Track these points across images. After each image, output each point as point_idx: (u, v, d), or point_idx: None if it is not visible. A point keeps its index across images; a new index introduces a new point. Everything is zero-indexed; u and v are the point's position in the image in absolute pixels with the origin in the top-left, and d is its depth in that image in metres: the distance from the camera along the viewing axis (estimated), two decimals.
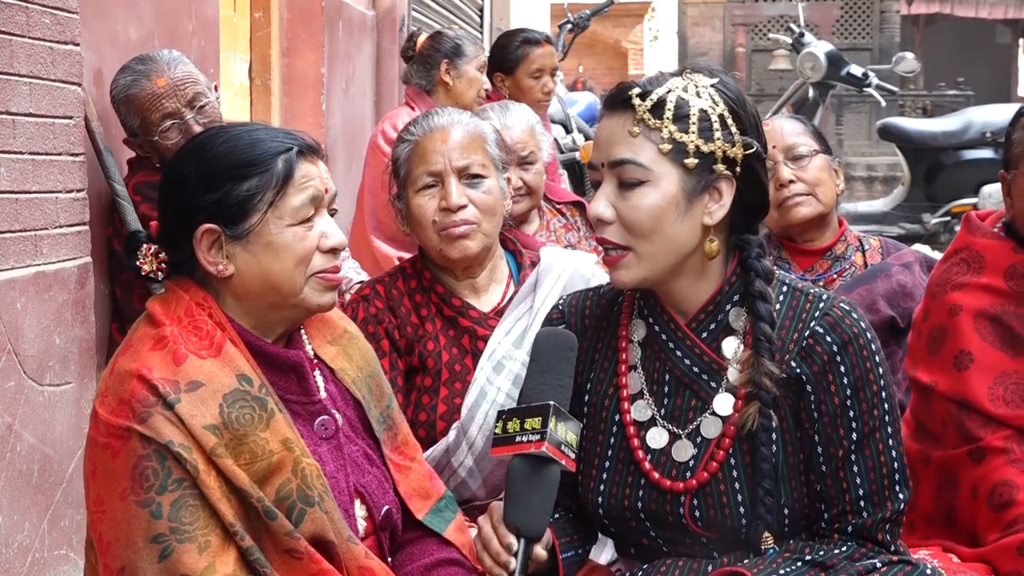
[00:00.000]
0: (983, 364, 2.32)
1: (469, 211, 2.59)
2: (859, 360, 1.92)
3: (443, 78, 4.66)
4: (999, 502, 2.23)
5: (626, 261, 1.93)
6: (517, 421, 1.88)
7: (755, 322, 1.92)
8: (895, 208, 8.69)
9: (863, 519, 1.91)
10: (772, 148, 3.06)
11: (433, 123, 2.66)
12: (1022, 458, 2.26)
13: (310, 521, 1.87)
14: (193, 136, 2.09)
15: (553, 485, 1.87)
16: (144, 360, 1.85)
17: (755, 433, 1.91)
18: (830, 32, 17.19)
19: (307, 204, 1.93)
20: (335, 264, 1.97)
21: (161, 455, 1.80)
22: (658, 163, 1.89)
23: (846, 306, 1.96)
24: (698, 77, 1.95)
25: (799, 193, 3.05)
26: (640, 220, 1.90)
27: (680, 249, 1.92)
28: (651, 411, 2.00)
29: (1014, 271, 2.35)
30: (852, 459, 1.92)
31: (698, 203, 1.91)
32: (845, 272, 3.11)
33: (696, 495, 1.94)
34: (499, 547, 1.86)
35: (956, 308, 2.37)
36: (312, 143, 1.99)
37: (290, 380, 1.98)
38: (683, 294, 1.98)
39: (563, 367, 1.94)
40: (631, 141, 1.90)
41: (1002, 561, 2.16)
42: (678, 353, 1.98)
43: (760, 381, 1.89)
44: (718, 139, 1.90)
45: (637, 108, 1.90)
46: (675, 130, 1.89)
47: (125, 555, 1.79)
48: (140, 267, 1.96)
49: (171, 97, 3.35)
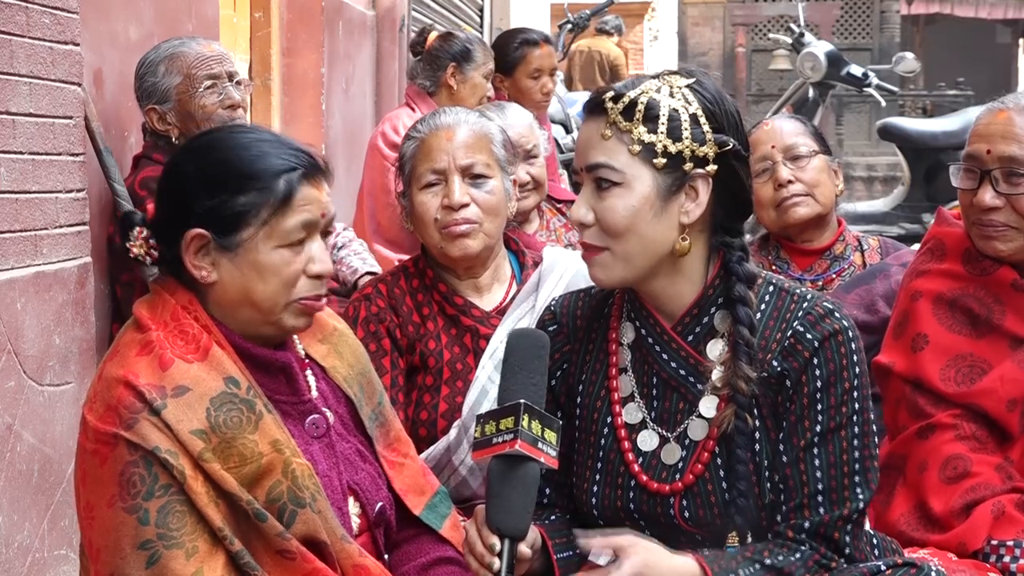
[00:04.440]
0: (938, 346, 2.40)
1: (471, 210, 2.59)
2: (835, 356, 1.94)
3: (448, 81, 4.61)
4: (953, 474, 2.30)
5: (601, 258, 1.96)
6: (493, 423, 1.88)
7: (734, 326, 1.94)
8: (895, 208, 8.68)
9: (820, 516, 1.92)
10: (771, 148, 3.07)
11: (440, 121, 2.67)
12: (970, 435, 2.34)
13: (301, 522, 1.87)
14: (203, 132, 2.09)
15: (533, 483, 1.87)
16: (131, 366, 1.85)
17: (731, 435, 1.92)
18: (830, 32, 17.18)
19: (300, 228, 1.91)
20: (319, 291, 1.95)
21: (148, 461, 1.80)
22: (630, 165, 1.92)
23: (829, 305, 1.98)
24: (674, 78, 1.97)
25: (797, 194, 3.05)
26: (616, 221, 1.92)
27: (657, 249, 1.94)
28: (642, 414, 2.02)
29: (970, 255, 2.44)
30: (814, 452, 1.93)
31: (673, 202, 1.93)
32: (844, 272, 3.11)
33: (684, 496, 1.96)
34: (483, 549, 1.86)
35: (917, 294, 2.46)
36: (320, 164, 1.96)
37: (279, 380, 1.98)
38: (665, 295, 1.99)
39: (535, 365, 1.93)
40: (604, 145, 1.94)
41: (976, 535, 2.23)
42: (664, 356, 2.00)
43: (736, 384, 1.91)
44: (686, 138, 1.92)
45: (609, 112, 1.94)
46: (644, 131, 1.92)
47: (113, 562, 1.80)
48: (129, 248, 1.96)
49: (217, 62, 3.48)
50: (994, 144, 2.38)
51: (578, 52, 11.63)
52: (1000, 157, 2.38)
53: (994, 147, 2.38)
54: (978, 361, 2.38)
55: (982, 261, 2.44)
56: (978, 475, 2.29)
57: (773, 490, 1.95)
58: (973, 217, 2.43)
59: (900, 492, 2.38)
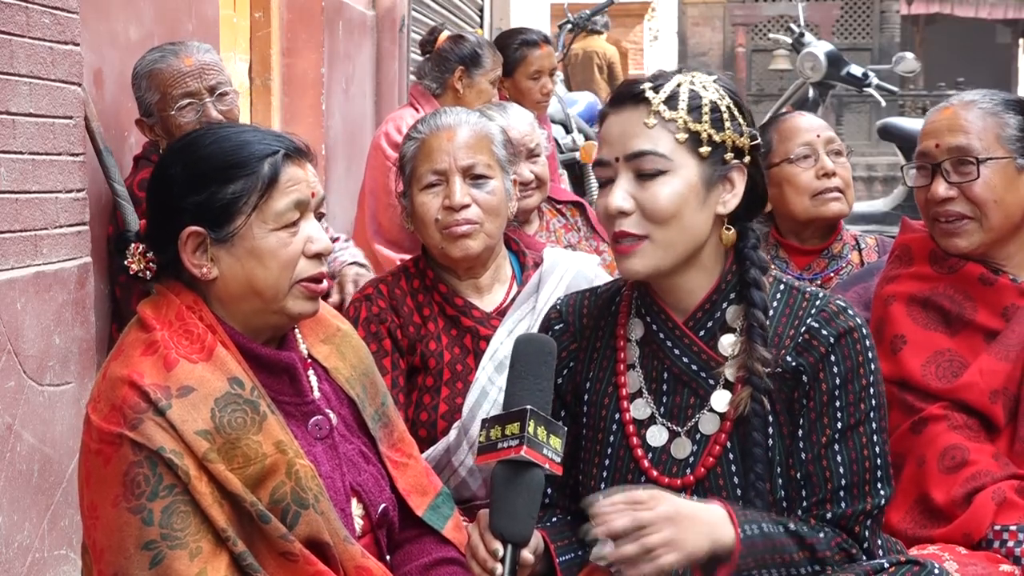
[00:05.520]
0: (915, 344, 2.44)
1: (472, 211, 2.59)
2: (852, 353, 1.95)
3: (455, 84, 4.57)
4: (952, 464, 2.33)
5: (642, 248, 1.95)
6: (498, 428, 1.88)
7: (748, 309, 1.95)
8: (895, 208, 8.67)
9: (842, 508, 1.94)
10: (816, 137, 3.11)
11: (440, 122, 2.67)
12: (962, 424, 2.37)
13: (305, 523, 1.87)
14: (183, 135, 2.09)
15: (537, 489, 1.87)
16: (135, 366, 1.85)
17: (747, 418, 1.93)
18: (830, 32, 17.18)
19: (292, 208, 1.92)
20: (320, 271, 1.96)
21: (152, 461, 1.80)
22: (676, 152, 1.94)
23: (842, 303, 2.00)
24: (699, 74, 2.00)
25: (838, 188, 3.09)
26: (661, 208, 1.93)
27: (696, 238, 1.96)
28: (650, 409, 2.02)
29: (936, 255, 2.50)
30: (836, 448, 1.94)
31: (714, 192, 1.96)
32: (842, 271, 3.12)
33: (696, 491, 1.96)
34: (486, 554, 1.86)
35: (890, 298, 2.51)
36: (300, 145, 1.98)
37: (283, 381, 1.98)
38: (684, 290, 2.00)
39: (541, 371, 1.94)
40: (648, 132, 1.94)
41: (978, 523, 2.25)
42: (676, 351, 2.00)
43: (752, 366, 1.92)
44: (728, 129, 1.95)
45: (652, 100, 1.94)
46: (690, 120, 1.93)
47: (117, 562, 1.80)
48: (129, 267, 1.96)
49: (195, 78, 3.39)
50: (941, 138, 2.46)
51: (573, 55, 11.64)
52: (948, 148, 2.45)
53: (942, 140, 2.46)
54: (956, 356, 2.42)
55: (948, 259, 2.49)
56: (976, 463, 2.31)
57: (785, 486, 1.95)
58: (931, 212, 2.49)
59: (900, 489, 2.39)
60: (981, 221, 2.44)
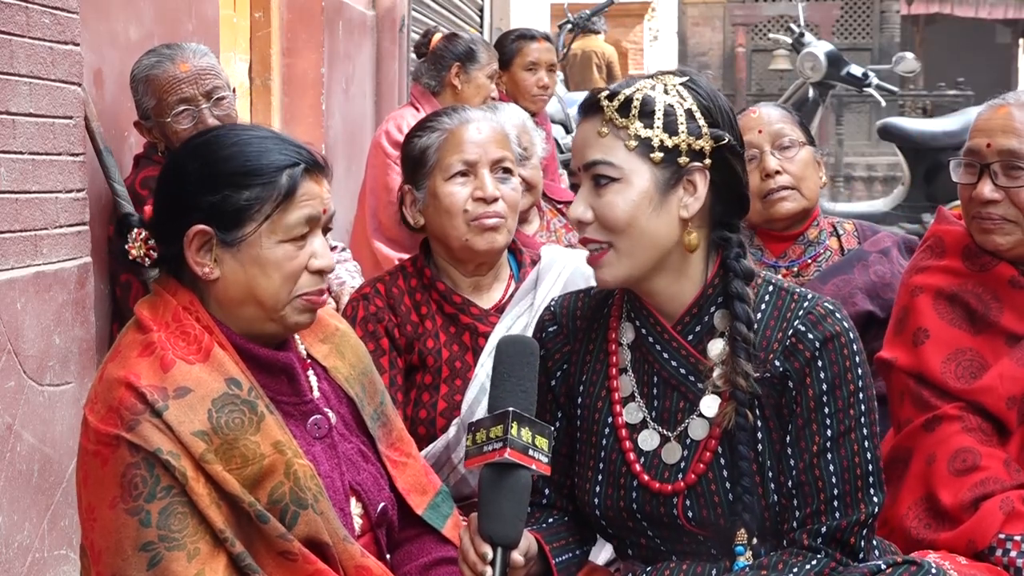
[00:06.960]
0: (939, 340, 2.42)
1: (500, 204, 2.60)
2: (839, 358, 1.94)
3: (452, 81, 4.62)
4: (963, 467, 2.31)
5: (607, 258, 1.96)
6: (483, 432, 1.88)
7: (732, 322, 1.94)
8: (895, 208, 8.67)
9: (836, 520, 1.92)
10: (758, 134, 2.97)
11: (467, 115, 2.68)
12: (976, 427, 2.35)
13: (304, 523, 1.87)
14: (203, 131, 2.08)
15: (523, 491, 1.86)
16: (132, 367, 1.85)
17: (733, 432, 1.92)
18: (830, 32, 17.17)
19: (302, 223, 1.92)
20: (321, 287, 1.96)
21: (149, 463, 1.80)
22: (627, 160, 1.94)
23: (830, 306, 1.98)
24: (668, 77, 1.99)
25: (784, 187, 2.95)
26: (615, 216, 1.93)
27: (659, 243, 1.95)
28: (642, 414, 2.02)
29: (969, 251, 2.46)
30: (828, 457, 1.93)
31: (672, 196, 1.94)
32: (820, 256, 3.02)
33: (687, 496, 1.96)
34: (475, 558, 1.86)
35: (917, 289, 2.48)
36: (320, 160, 1.97)
37: (281, 381, 1.97)
38: (667, 294, 1.99)
39: (524, 372, 1.93)
40: (601, 142, 1.95)
41: (985, 529, 2.24)
42: (665, 355, 2.00)
43: (735, 380, 1.91)
44: (682, 132, 1.93)
45: (605, 109, 1.95)
46: (640, 127, 1.93)
47: (115, 563, 1.80)
48: (128, 250, 1.96)
49: (191, 84, 3.37)
50: (994, 138, 2.41)
51: (573, 55, 11.65)
52: (1000, 151, 2.40)
53: (994, 141, 2.41)
54: (977, 356, 2.40)
55: (981, 257, 2.45)
56: (987, 468, 2.30)
57: (778, 492, 1.94)
58: (972, 211, 2.45)
59: (907, 485, 2.39)
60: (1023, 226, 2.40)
